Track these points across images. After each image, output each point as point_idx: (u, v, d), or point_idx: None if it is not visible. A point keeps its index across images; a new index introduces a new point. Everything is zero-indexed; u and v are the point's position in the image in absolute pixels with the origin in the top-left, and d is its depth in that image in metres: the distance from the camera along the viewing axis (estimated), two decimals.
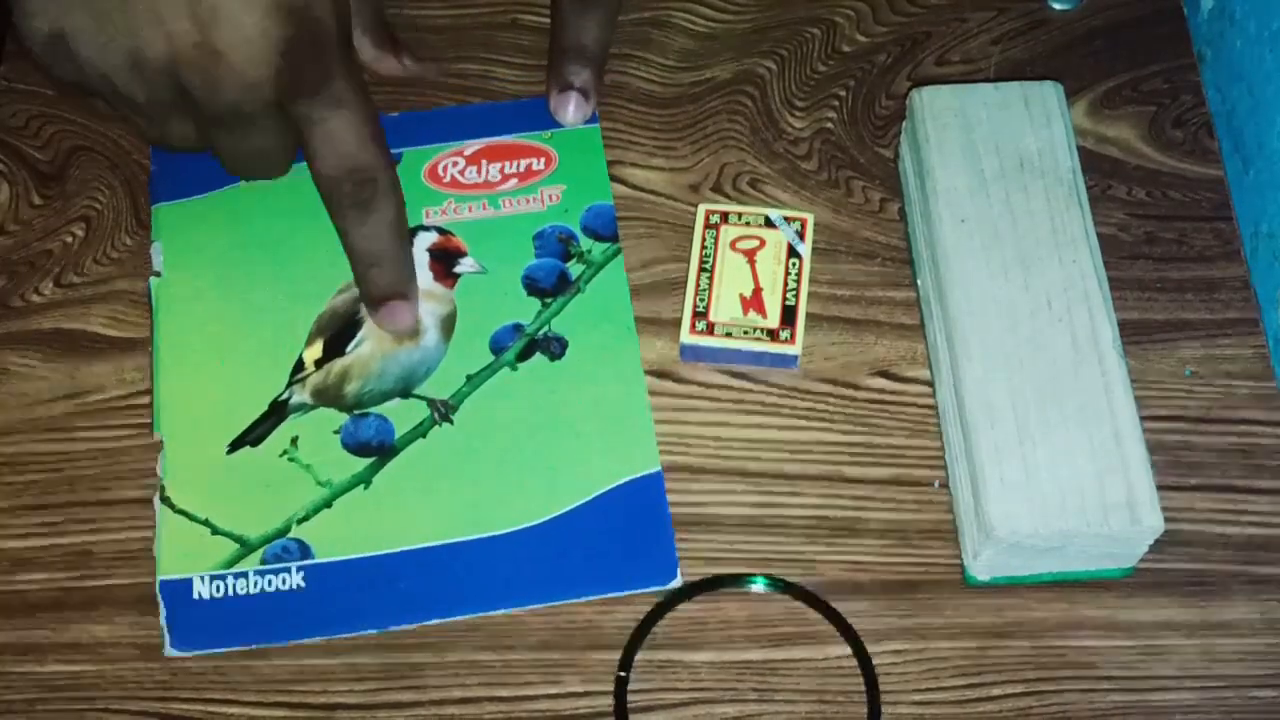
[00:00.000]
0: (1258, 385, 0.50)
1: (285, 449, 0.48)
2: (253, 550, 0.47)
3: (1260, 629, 0.46)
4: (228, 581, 0.46)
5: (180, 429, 0.48)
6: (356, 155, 0.46)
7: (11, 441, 0.49)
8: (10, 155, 0.55)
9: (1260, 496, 0.48)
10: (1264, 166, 0.52)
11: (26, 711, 0.45)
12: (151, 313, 0.51)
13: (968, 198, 0.48)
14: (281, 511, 0.47)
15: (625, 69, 0.57)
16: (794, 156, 0.55)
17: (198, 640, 0.45)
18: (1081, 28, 0.58)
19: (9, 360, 0.50)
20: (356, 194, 0.46)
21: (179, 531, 0.47)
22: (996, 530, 0.43)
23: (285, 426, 0.49)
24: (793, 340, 0.49)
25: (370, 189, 0.46)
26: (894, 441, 0.49)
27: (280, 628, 0.45)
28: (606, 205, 0.53)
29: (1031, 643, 0.45)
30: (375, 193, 0.46)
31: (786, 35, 0.58)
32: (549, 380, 0.49)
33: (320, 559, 0.46)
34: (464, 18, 0.58)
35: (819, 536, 0.47)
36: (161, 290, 0.51)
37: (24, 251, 0.53)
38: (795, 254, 0.51)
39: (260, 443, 0.48)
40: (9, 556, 0.47)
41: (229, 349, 0.50)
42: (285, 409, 0.49)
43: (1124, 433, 0.44)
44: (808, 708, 0.44)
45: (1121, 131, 0.55)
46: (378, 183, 0.46)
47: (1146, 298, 0.52)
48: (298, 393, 0.49)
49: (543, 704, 0.45)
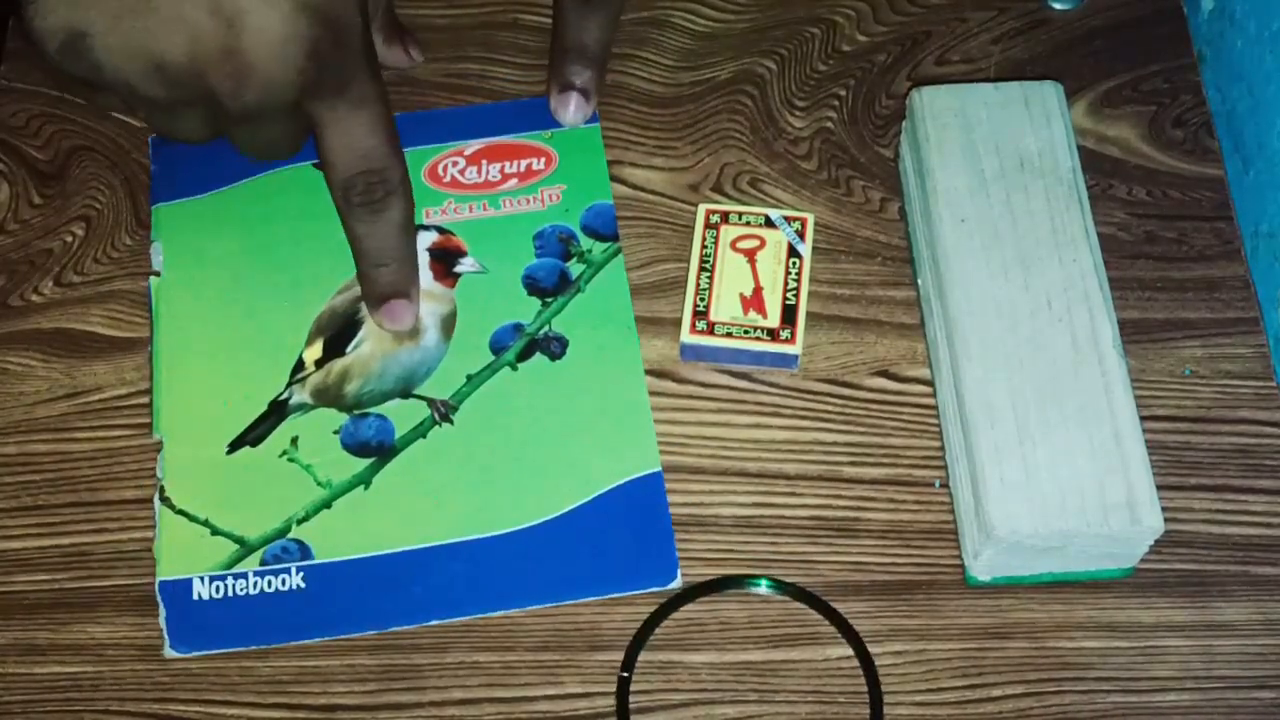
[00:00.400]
0: (1258, 385, 0.50)
1: (285, 449, 0.48)
2: (252, 551, 0.47)
3: (1260, 629, 0.46)
4: (227, 582, 0.46)
5: (180, 429, 0.48)
6: (372, 155, 0.46)
7: (11, 441, 0.49)
8: (10, 155, 0.55)
9: (1260, 496, 0.48)
10: (1264, 166, 0.52)
11: (25, 712, 0.44)
12: (151, 312, 0.51)
13: (968, 197, 0.48)
14: (281, 512, 0.47)
15: (625, 69, 0.57)
16: (794, 156, 0.55)
17: (197, 641, 0.45)
18: (1081, 28, 0.58)
19: (9, 360, 0.50)
20: (369, 193, 0.46)
21: (179, 532, 0.47)
22: (996, 530, 0.42)
23: (285, 426, 0.49)
24: (793, 340, 0.49)
25: (383, 189, 0.46)
26: (894, 441, 0.49)
27: (280, 628, 0.45)
28: (607, 205, 0.53)
29: (1032, 643, 0.45)
30: (388, 193, 0.46)
31: (786, 35, 0.58)
32: (549, 380, 0.49)
33: (320, 559, 0.46)
34: (464, 18, 0.58)
35: (819, 537, 0.47)
36: (161, 290, 0.51)
37: (24, 251, 0.53)
38: (795, 254, 0.50)
39: (260, 443, 0.48)
40: (8, 557, 0.47)
41: (229, 349, 0.50)
42: (285, 409, 0.49)
43: (1124, 433, 0.44)
44: (808, 708, 0.44)
45: (1121, 131, 0.55)
46: (391, 183, 0.46)
47: (1146, 297, 0.52)
48: (297, 393, 0.49)
49: (542, 705, 0.45)
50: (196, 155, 0.51)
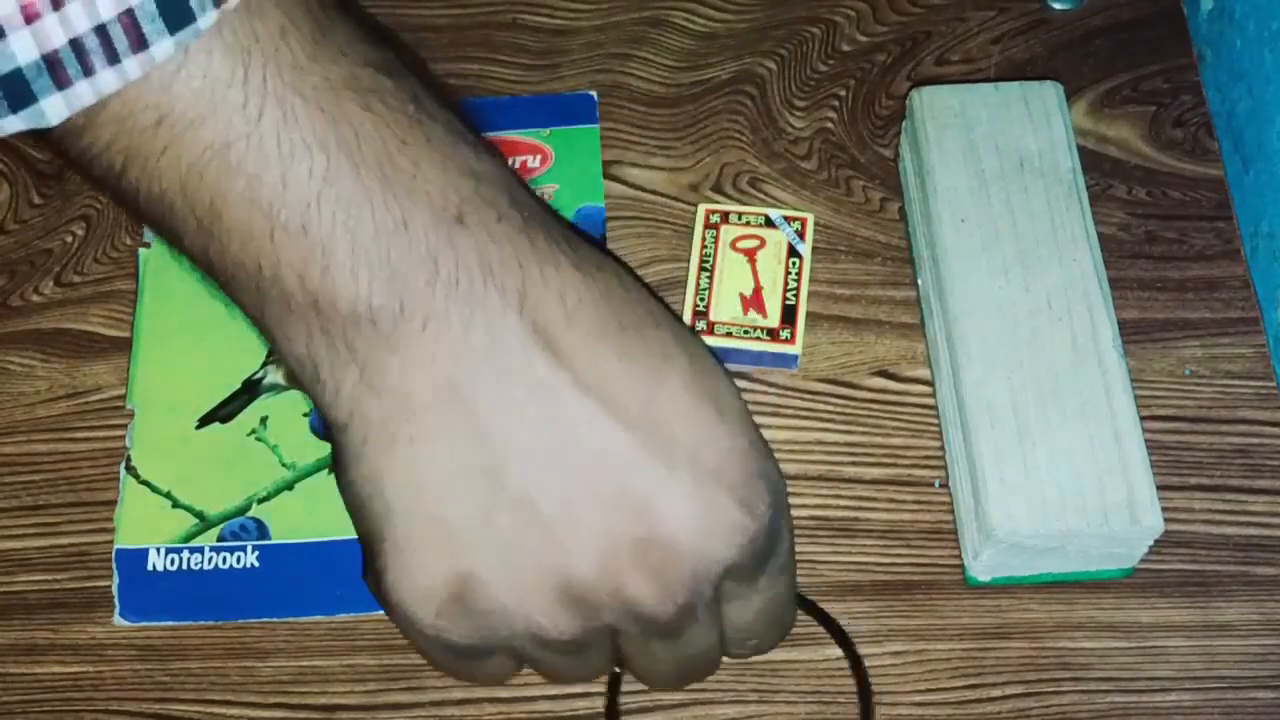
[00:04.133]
0: (1258, 385, 0.50)
1: (254, 428, 0.48)
2: (211, 526, 0.47)
3: (1260, 629, 0.46)
4: (183, 555, 0.46)
5: (153, 401, 0.49)
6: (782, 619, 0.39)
7: (11, 441, 0.49)
8: (10, 155, 0.55)
9: (1260, 496, 0.48)
10: (1264, 166, 0.52)
11: (25, 712, 0.45)
12: (138, 282, 0.51)
13: (968, 197, 0.48)
14: (243, 490, 0.47)
15: (625, 69, 0.57)
16: (794, 156, 0.55)
17: (147, 611, 0.45)
18: (1081, 28, 0.58)
19: (9, 360, 0.50)
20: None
21: (141, 502, 0.47)
22: (996, 530, 0.42)
23: (256, 406, 0.49)
24: (793, 340, 0.49)
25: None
26: (894, 441, 0.49)
27: (231, 605, 0.46)
28: (597, 208, 0.53)
29: (1031, 643, 0.45)
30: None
31: (786, 35, 0.58)
32: None
33: (276, 540, 0.47)
34: (464, 18, 0.58)
35: (819, 537, 0.47)
36: (149, 261, 0.51)
37: (24, 251, 0.53)
38: (795, 253, 0.50)
39: (230, 420, 0.49)
40: (8, 557, 0.47)
41: (209, 324, 0.50)
42: (258, 388, 0.49)
43: (1124, 433, 0.44)
44: (808, 709, 0.44)
45: (1121, 131, 0.55)
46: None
47: (1146, 297, 0.52)
48: (271, 373, 0.49)
49: (542, 705, 0.45)
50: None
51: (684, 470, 0.33)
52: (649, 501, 0.33)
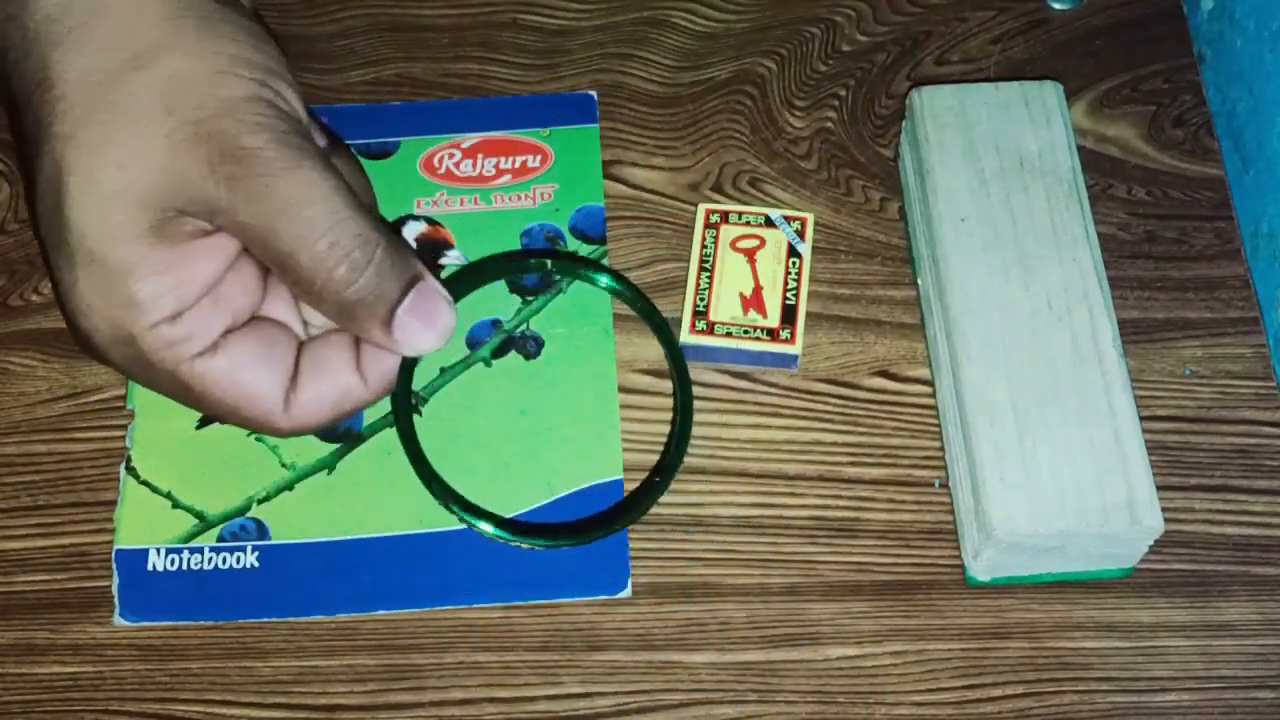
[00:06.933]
0: (1258, 385, 0.50)
1: None
2: (211, 527, 0.47)
3: (1260, 629, 0.46)
4: (183, 556, 0.46)
5: (153, 401, 0.48)
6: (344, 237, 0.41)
7: (11, 441, 0.49)
8: (10, 155, 0.55)
9: (1260, 496, 0.48)
10: (1264, 166, 0.52)
11: (25, 712, 0.45)
12: None
13: (968, 197, 0.48)
14: (243, 490, 0.47)
15: (625, 69, 0.57)
16: (794, 156, 0.55)
17: (148, 611, 0.45)
18: (1081, 28, 0.58)
19: (9, 360, 0.50)
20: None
21: (141, 502, 0.47)
22: (996, 530, 0.43)
23: None
24: (793, 340, 0.49)
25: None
26: (894, 441, 0.49)
27: (231, 606, 0.46)
28: (597, 207, 0.53)
29: (1031, 643, 0.45)
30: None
31: (786, 35, 0.58)
32: (521, 379, 0.49)
33: (276, 540, 0.46)
34: (464, 17, 0.58)
35: (819, 537, 0.47)
36: None
37: (24, 251, 0.53)
38: (795, 253, 0.50)
39: None
40: (8, 557, 0.47)
41: None
42: None
43: (1124, 433, 0.44)
44: (808, 708, 0.44)
45: (1121, 131, 0.55)
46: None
47: (1146, 297, 0.52)
48: None
49: (542, 705, 0.45)
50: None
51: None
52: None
